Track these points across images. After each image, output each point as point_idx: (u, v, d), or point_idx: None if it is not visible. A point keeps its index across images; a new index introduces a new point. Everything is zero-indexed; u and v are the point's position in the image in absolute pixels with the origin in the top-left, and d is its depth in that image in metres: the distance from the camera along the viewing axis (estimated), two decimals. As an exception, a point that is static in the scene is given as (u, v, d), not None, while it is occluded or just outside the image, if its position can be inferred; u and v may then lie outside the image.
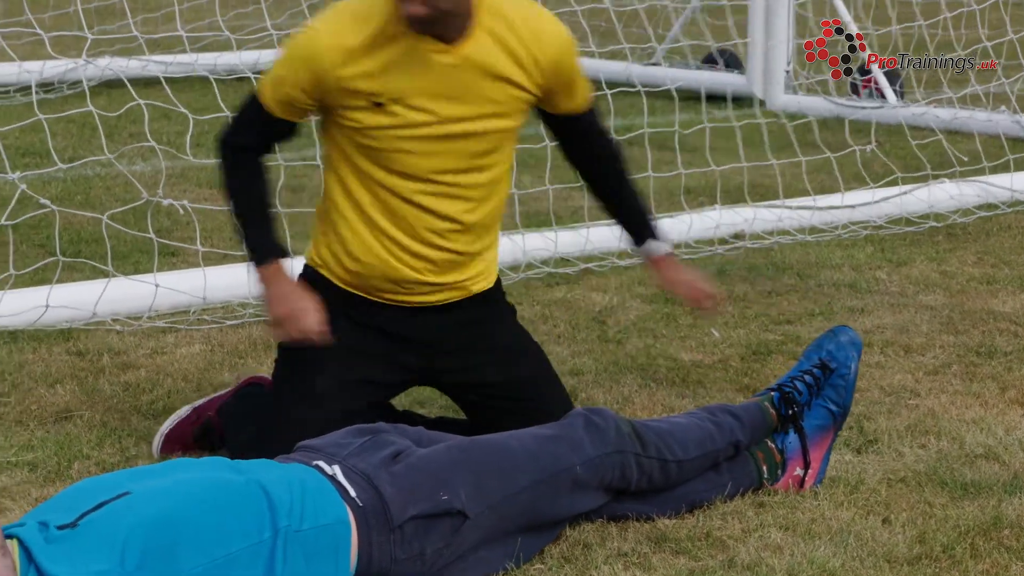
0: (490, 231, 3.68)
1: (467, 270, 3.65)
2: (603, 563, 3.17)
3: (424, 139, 3.48)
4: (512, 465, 3.17)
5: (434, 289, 3.62)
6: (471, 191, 3.56)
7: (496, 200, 3.64)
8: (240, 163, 3.61)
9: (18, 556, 2.78)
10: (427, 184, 3.52)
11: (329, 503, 2.99)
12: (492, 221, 3.67)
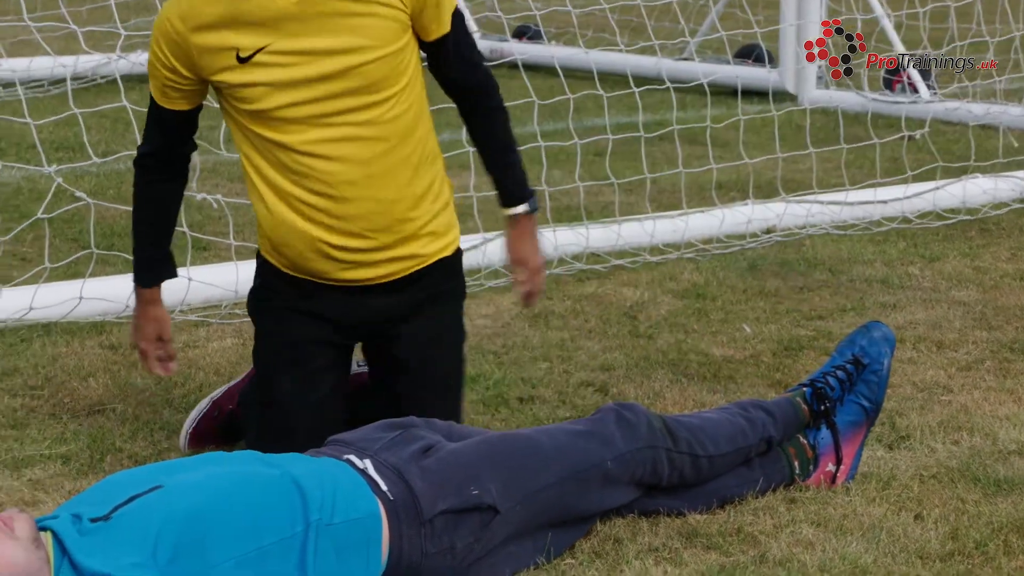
0: (418, 179, 3.50)
1: (402, 229, 3.50)
2: (634, 558, 3.16)
3: (303, 83, 3.36)
4: (542, 460, 3.17)
5: (372, 259, 3.50)
6: (375, 129, 3.41)
7: (413, 143, 3.47)
8: (142, 176, 3.62)
9: (52, 548, 2.79)
10: (324, 129, 3.39)
11: (360, 497, 2.99)
12: (417, 168, 3.49)
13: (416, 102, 3.49)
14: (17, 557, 2.70)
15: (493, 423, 4.06)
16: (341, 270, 3.51)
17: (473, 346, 4.77)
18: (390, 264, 3.53)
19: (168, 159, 3.62)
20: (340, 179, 3.42)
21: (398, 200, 3.48)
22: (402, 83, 3.45)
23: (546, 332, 4.90)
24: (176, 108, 3.50)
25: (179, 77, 3.44)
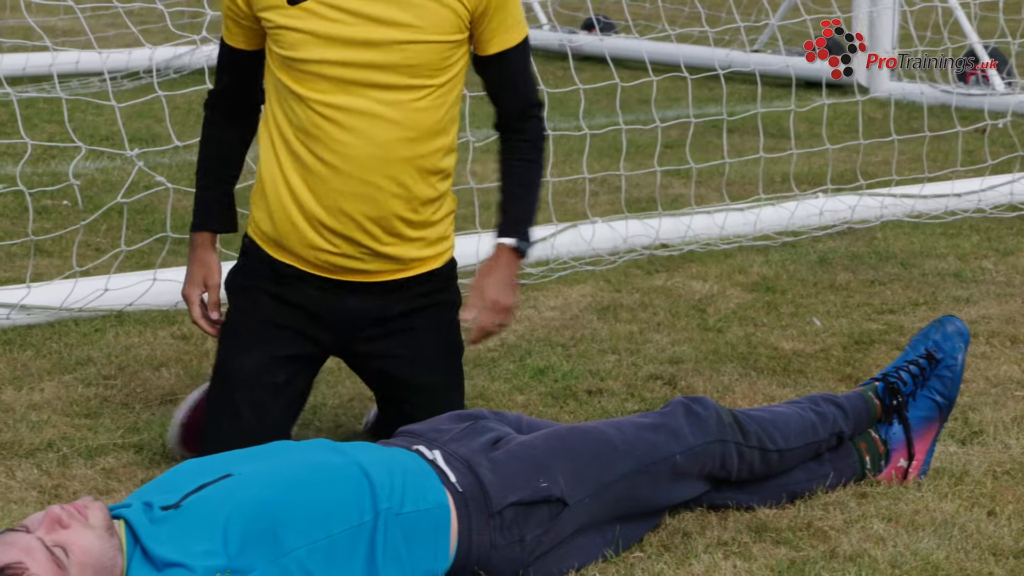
0: (425, 184, 3.44)
1: (393, 226, 3.43)
2: (703, 552, 3.15)
3: (343, 43, 3.33)
4: (611, 453, 3.17)
5: (356, 252, 3.45)
6: (399, 113, 3.36)
7: (433, 147, 3.42)
8: (208, 116, 3.65)
9: (124, 536, 2.82)
10: (349, 96, 3.34)
11: (429, 487, 3.00)
12: (428, 174, 3.44)
13: (448, 107, 3.44)
14: (91, 545, 2.73)
15: (561, 416, 4.06)
16: (324, 255, 3.44)
17: (541, 338, 4.77)
18: (374, 261, 3.46)
19: (233, 101, 3.61)
20: (348, 152, 3.36)
21: (398, 196, 3.42)
22: (441, 79, 3.39)
23: (614, 325, 4.89)
24: (236, 45, 3.51)
25: (237, 8, 3.45)
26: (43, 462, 3.75)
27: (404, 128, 3.38)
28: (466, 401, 4.16)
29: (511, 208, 3.54)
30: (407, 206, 3.43)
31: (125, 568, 2.78)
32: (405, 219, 3.44)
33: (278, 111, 3.43)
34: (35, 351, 4.64)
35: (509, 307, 3.52)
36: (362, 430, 3.87)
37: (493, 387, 4.30)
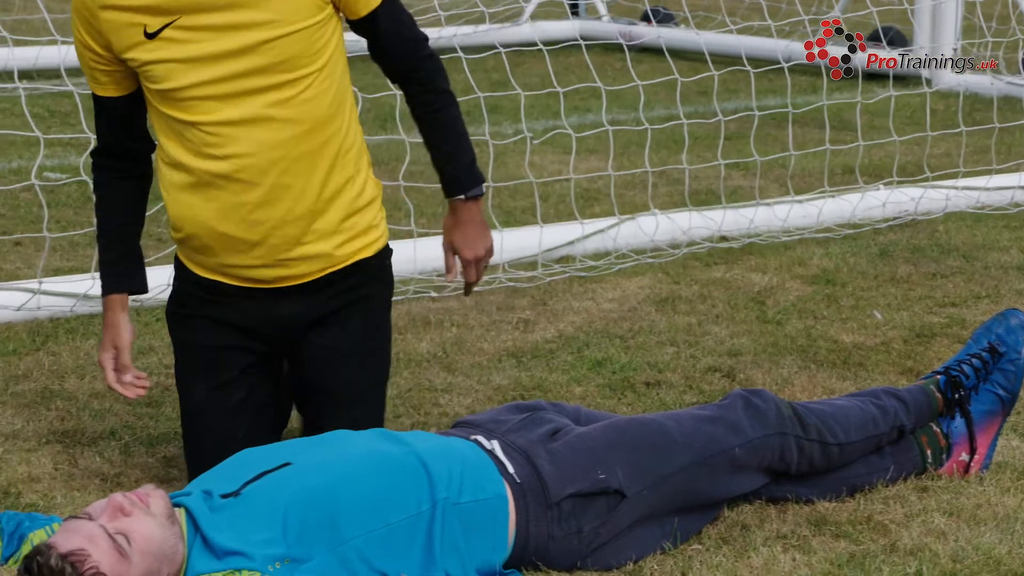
0: (336, 172, 3.33)
1: (313, 224, 3.32)
2: (762, 545, 3.14)
3: (211, 60, 3.22)
4: (670, 446, 3.16)
5: (279, 257, 3.34)
6: (287, 111, 3.25)
7: (331, 131, 3.30)
8: (100, 179, 3.48)
9: (185, 524, 2.84)
10: (234, 109, 3.24)
11: (487, 478, 3.00)
12: (335, 160, 3.32)
13: (335, 87, 3.30)
14: (153, 533, 2.75)
15: (619, 408, 4.05)
16: (248, 268, 3.36)
17: (599, 330, 4.76)
18: (299, 264, 3.35)
19: (119, 155, 3.45)
20: (249, 162, 3.26)
21: (309, 191, 3.30)
22: (318, 63, 3.26)
23: (673, 317, 4.88)
24: (108, 94, 3.37)
25: (98, 56, 3.31)
26: (105, 450, 3.79)
27: (296, 123, 3.26)
28: (524, 392, 4.17)
29: (446, 164, 3.43)
30: (321, 199, 3.32)
31: (186, 556, 2.80)
32: (321, 213, 3.33)
33: (170, 142, 3.32)
34: (98, 340, 4.68)
35: (483, 256, 3.48)
36: None
37: (551, 378, 4.30)
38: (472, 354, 4.59)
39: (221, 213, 3.30)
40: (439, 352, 4.61)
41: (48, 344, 4.63)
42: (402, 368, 4.43)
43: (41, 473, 3.63)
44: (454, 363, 4.50)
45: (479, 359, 4.53)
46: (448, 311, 5.07)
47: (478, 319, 4.97)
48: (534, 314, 5.02)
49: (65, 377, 4.33)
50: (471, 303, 5.19)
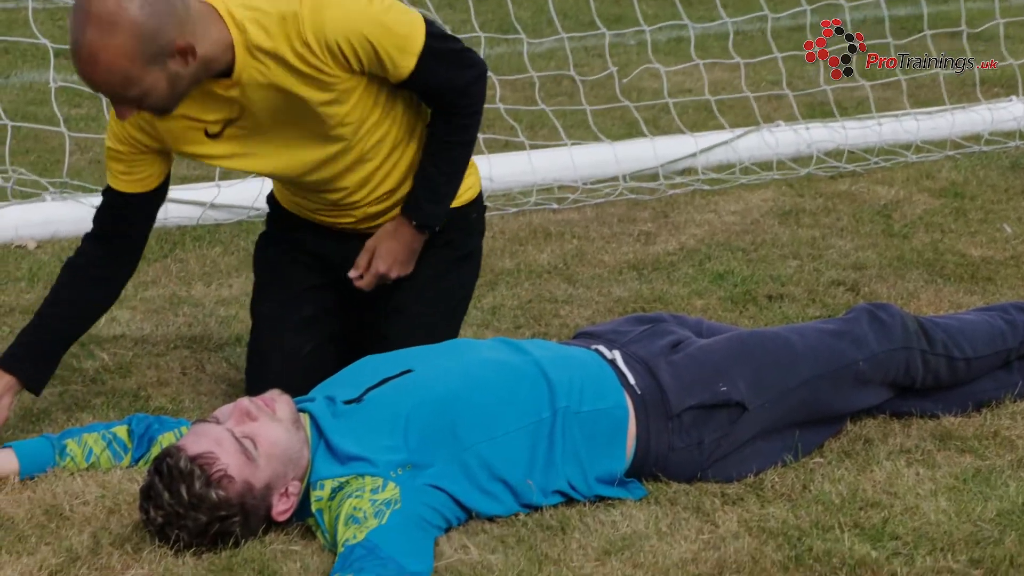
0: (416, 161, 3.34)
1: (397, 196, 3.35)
2: (885, 459, 3.11)
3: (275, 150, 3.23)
4: (792, 359, 3.13)
5: (375, 223, 3.38)
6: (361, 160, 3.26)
7: (403, 148, 3.31)
8: (69, 274, 3.31)
9: (309, 429, 2.88)
10: (302, 196, 3.38)
11: (608, 388, 3.00)
12: (414, 158, 3.33)
13: (397, 119, 3.27)
14: (279, 437, 2.79)
15: (741, 321, 4.02)
16: (340, 225, 3.42)
17: (721, 243, 4.73)
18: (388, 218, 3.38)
19: (112, 244, 3.32)
20: (336, 199, 3.33)
21: (400, 188, 3.33)
22: (356, 120, 3.20)
23: (796, 230, 4.83)
24: (126, 189, 3.25)
25: (138, 143, 3.20)
26: (231, 356, 3.85)
27: (371, 161, 3.26)
28: (645, 304, 4.16)
29: (423, 190, 3.31)
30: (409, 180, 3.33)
31: (310, 461, 2.84)
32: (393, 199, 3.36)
33: None
34: (223, 248, 4.75)
35: (387, 276, 3.37)
36: None
37: (672, 291, 4.29)
38: (593, 266, 4.58)
39: (318, 208, 3.39)
40: (560, 264, 4.61)
41: (175, 251, 4.71)
42: (523, 279, 4.44)
43: (170, 377, 3.70)
44: (575, 275, 4.50)
45: (600, 271, 4.53)
46: (569, 223, 5.06)
47: (599, 231, 4.95)
48: (655, 226, 4.99)
49: (192, 284, 4.40)
50: (592, 215, 5.18)
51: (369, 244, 3.35)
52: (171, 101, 2.99)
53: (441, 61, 3.17)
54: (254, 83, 3.07)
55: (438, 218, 3.33)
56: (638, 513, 2.87)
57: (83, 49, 2.87)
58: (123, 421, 3.17)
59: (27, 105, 6.83)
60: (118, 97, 2.93)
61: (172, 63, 2.92)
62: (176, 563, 2.69)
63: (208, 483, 2.71)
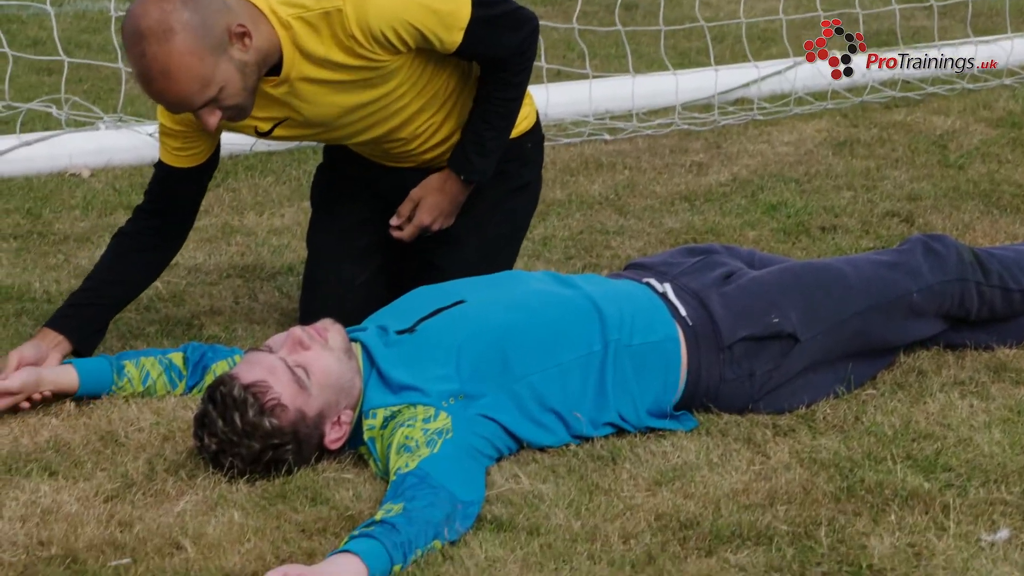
0: (450, 117, 3.32)
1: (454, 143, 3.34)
2: (938, 391, 3.09)
3: (324, 132, 3.27)
4: (845, 290, 3.11)
5: (431, 167, 3.38)
6: (394, 121, 3.25)
7: (458, 93, 3.28)
8: (120, 240, 3.33)
9: (362, 359, 2.89)
10: (353, 147, 3.38)
11: (659, 320, 3.00)
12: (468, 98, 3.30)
13: (448, 75, 3.25)
14: (331, 366, 2.80)
15: (794, 252, 4.00)
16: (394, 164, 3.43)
17: (774, 174, 4.70)
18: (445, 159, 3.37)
19: (164, 216, 3.33)
20: (388, 149, 3.34)
21: (455, 135, 3.32)
22: (405, 85, 3.20)
23: (850, 160, 4.79)
24: (178, 164, 3.27)
25: (190, 133, 3.22)
26: (283, 285, 3.86)
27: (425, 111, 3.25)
28: (697, 235, 4.15)
29: (471, 143, 3.29)
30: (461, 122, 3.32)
31: (362, 390, 2.85)
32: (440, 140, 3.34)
33: None
34: (275, 177, 4.76)
35: (430, 227, 3.35)
36: None
37: (724, 222, 4.27)
38: (644, 197, 4.56)
39: (372, 154, 3.40)
40: (611, 194, 4.59)
41: (228, 180, 4.72)
42: (574, 210, 4.43)
43: (222, 306, 3.72)
44: (626, 206, 4.48)
45: (651, 202, 4.51)
46: (621, 153, 5.04)
47: (651, 162, 4.93)
48: (708, 157, 4.97)
49: (244, 213, 4.42)
50: (644, 146, 5.15)
51: (414, 194, 3.34)
52: (246, 96, 3.00)
53: (490, 27, 3.15)
54: (302, 78, 3.09)
55: (486, 172, 3.32)
56: (689, 444, 2.87)
57: (152, 68, 2.89)
58: (178, 349, 3.19)
59: (80, 34, 6.86)
60: (201, 102, 2.95)
61: (234, 50, 2.94)
62: (230, 490, 2.72)
63: (261, 411, 2.73)
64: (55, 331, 3.19)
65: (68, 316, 3.23)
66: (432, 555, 2.47)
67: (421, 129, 3.30)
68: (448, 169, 3.32)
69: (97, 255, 4.03)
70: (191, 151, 3.25)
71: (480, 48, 3.16)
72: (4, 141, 4.93)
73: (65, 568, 2.45)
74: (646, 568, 2.43)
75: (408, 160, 3.38)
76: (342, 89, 3.12)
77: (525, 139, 3.45)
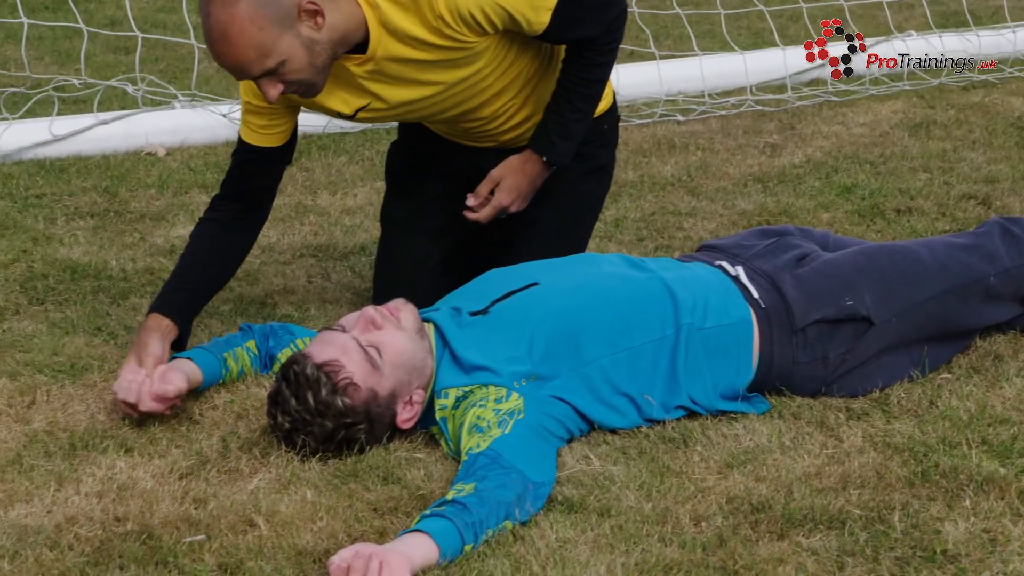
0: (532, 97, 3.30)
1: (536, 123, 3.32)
2: (1015, 375, 3.06)
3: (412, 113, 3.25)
4: (921, 273, 3.08)
5: (509, 147, 3.37)
6: (475, 101, 3.23)
7: (543, 71, 3.27)
8: (203, 227, 3.29)
9: (434, 339, 2.90)
10: (431, 126, 3.37)
11: (732, 303, 2.98)
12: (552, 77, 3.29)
13: (532, 55, 3.24)
14: (403, 346, 2.81)
15: (868, 234, 3.97)
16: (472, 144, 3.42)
17: (849, 155, 4.66)
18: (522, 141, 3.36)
19: (244, 200, 3.30)
20: (468, 127, 3.32)
21: (536, 115, 3.30)
22: (507, 64, 3.20)
23: (926, 142, 4.74)
24: (260, 144, 3.24)
25: (275, 110, 3.21)
26: (356, 265, 3.88)
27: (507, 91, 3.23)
28: (770, 217, 4.12)
29: (555, 124, 3.26)
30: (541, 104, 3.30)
31: (434, 370, 2.86)
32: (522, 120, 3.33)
33: None
34: (349, 157, 4.78)
35: (508, 209, 3.32)
36: None
37: (798, 204, 4.24)
38: (717, 178, 4.54)
39: (450, 134, 3.39)
40: (684, 176, 4.58)
41: (301, 160, 4.75)
42: (646, 191, 4.42)
43: (296, 285, 3.74)
44: (699, 187, 4.46)
45: (724, 183, 4.49)
46: (693, 134, 5.02)
47: (724, 143, 4.91)
48: (781, 138, 4.93)
49: (318, 192, 4.44)
50: (717, 126, 5.13)
51: (494, 174, 3.32)
52: (315, 74, 2.99)
53: (578, 7, 3.13)
54: (388, 57, 3.08)
55: (568, 155, 3.29)
56: (761, 427, 2.86)
57: (214, 30, 2.91)
58: (247, 335, 3.18)
59: (156, 13, 6.91)
60: (259, 71, 2.94)
61: (302, 27, 2.93)
62: (302, 468, 2.74)
63: (334, 390, 2.75)
64: (168, 319, 3.12)
65: (172, 303, 3.17)
66: (503, 535, 2.47)
67: (502, 110, 3.29)
68: (529, 150, 3.29)
69: (172, 234, 4.08)
70: (276, 130, 3.24)
71: (567, 29, 3.14)
72: (81, 120, 4.99)
73: (140, 544, 2.48)
74: (717, 551, 2.42)
75: (486, 140, 3.37)
76: (427, 69, 3.12)
77: (602, 120, 3.44)
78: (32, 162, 4.81)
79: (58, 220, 4.23)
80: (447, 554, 2.40)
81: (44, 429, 2.91)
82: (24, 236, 4.08)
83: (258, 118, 3.23)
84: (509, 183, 3.30)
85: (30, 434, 2.89)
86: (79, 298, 3.63)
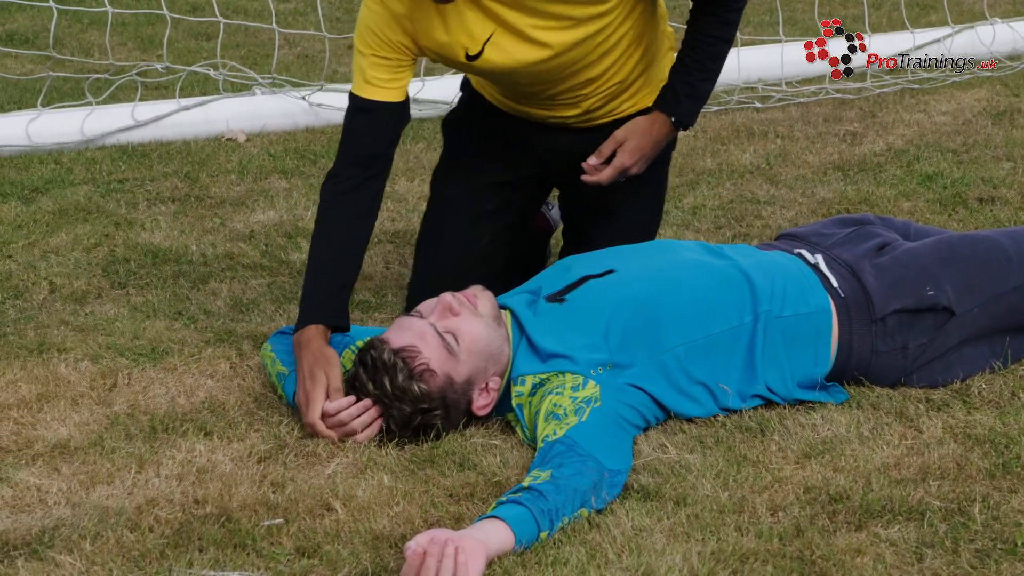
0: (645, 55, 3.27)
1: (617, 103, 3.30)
2: (1099, 369, 3.02)
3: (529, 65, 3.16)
4: (1004, 264, 3.05)
5: (577, 121, 3.33)
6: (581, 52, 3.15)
7: (645, 39, 3.23)
8: (328, 198, 3.15)
9: (511, 326, 2.90)
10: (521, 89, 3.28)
11: (811, 292, 2.96)
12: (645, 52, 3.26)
13: (643, 10, 3.19)
14: (480, 333, 2.82)
15: (950, 224, 3.93)
16: (544, 118, 3.35)
17: (931, 144, 4.61)
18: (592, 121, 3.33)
19: (364, 164, 3.16)
20: (564, 89, 3.24)
21: (628, 80, 3.26)
22: (626, 11, 3.14)
23: (1011, 131, 4.68)
24: (383, 99, 3.12)
25: (400, 55, 3.11)
26: (434, 252, 3.89)
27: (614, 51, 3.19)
28: (850, 206, 4.09)
29: (683, 85, 3.22)
30: (626, 84, 3.27)
31: (511, 357, 2.86)
32: (626, 91, 3.29)
33: None
34: (426, 144, 4.79)
35: (630, 169, 3.27)
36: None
37: (879, 192, 4.20)
38: (796, 166, 4.51)
39: (534, 102, 3.31)
40: (762, 163, 4.55)
41: (379, 148, 4.76)
42: (724, 179, 4.39)
43: (373, 271, 3.76)
44: (778, 175, 4.43)
45: (803, 171, 4.46)
46: (772, 122, 4.99)
47: (803, 131, 4.87)
48: (862, 126, 4.89)
49: (395, 179, 4.46)
50: (796, 114, 5.09)
51: (618, 135, 3.25)
52: None
53: None
54: None
55: (694, 116, 3.25)
56: (839, 417, 2.84)
57: None
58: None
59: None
60: None
61: None
62: (379, 453, 2.75)
63: (411, 376, 2.76)
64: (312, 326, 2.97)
65: (313, 309, 3.02)
66: (579, 523, 2.47)
67: (608, 66, 3.22)
68: (656, 111, 3.24)
69: (252, 219, 4.11)
70: (399, 84, 3.12)
71: None
72: (163, 105, 5.04)
73: (219, 527, 2.50)
74: (794, 541, 2.41)
75: (580, 105, 3.29)
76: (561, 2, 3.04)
77: None
78: (115, 147, 4.86)
79: (140, 205, 4.28)
80: (523, 541, 2.40)
81: (125, 412, 2.94)
82: (107, 220, 4.13)
83: (381, 71, 3.11)
84: (633, 144, 3.25)
85: (111, 416, 2.92)
86: (160, 282, 3.67)
